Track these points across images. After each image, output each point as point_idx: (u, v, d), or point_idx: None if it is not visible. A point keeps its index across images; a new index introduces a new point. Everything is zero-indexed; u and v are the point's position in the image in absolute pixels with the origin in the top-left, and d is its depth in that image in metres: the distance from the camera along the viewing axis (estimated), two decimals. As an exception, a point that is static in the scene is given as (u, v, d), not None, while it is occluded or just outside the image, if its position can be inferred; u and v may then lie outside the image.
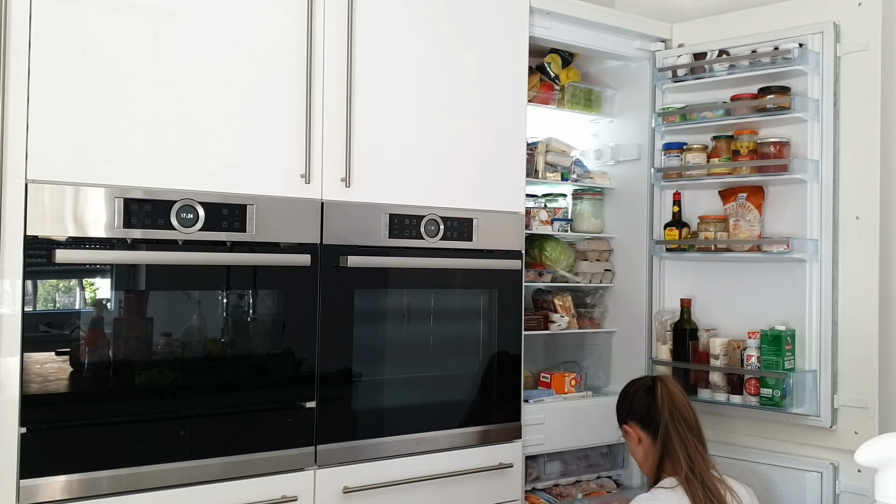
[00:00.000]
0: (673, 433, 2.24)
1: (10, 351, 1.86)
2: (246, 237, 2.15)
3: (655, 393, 2.30)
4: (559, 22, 2.85)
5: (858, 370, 2.62)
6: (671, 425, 2.25)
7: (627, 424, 2.37)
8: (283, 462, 2.20)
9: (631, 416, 2.35)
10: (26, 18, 1.88)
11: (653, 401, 2.30)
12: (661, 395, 2.29)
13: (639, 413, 2.33)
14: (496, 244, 2.62)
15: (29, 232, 1.88)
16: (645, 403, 2.31)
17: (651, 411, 2.30)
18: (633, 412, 2.35)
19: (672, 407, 2.28)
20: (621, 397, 2.42)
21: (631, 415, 2.35)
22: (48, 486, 1.89)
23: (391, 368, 2.49)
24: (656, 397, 2.29)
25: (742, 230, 2.86)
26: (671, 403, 2.28)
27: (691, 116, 2.97)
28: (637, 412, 2.33)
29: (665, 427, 2.25)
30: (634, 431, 2.34)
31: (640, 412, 2.33)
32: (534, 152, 3.00)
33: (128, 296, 2.07)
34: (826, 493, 2.66)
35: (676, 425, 2.25)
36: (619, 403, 2.41)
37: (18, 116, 1.88)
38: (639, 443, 2.34)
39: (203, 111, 2.11)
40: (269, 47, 2.20)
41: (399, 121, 2.43)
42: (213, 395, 2.16)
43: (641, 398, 2.33)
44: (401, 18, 2.44)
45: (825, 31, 2.68)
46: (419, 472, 2.42)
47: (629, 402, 2.37)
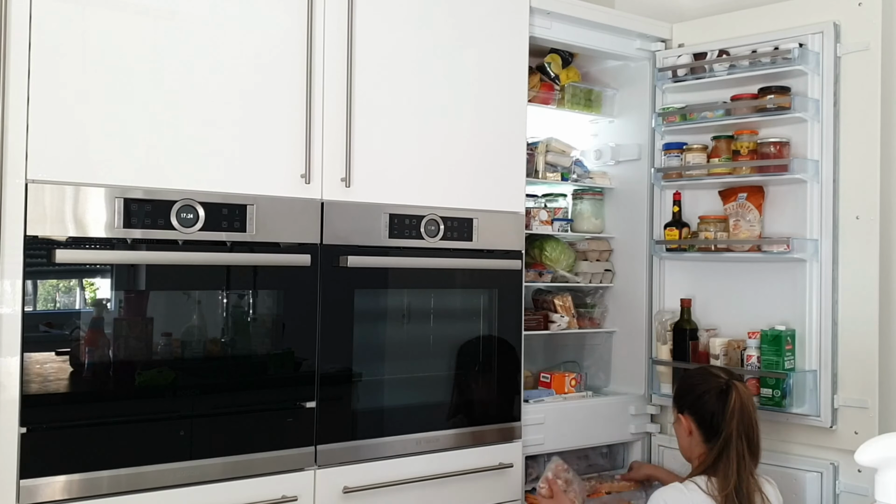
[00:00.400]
0: (732, 449, 2.20)
1: (10, 351, 1.86)
2: (246, 237, 2.15)
3: (728, 401, 2.23)
4: (559, 22, 2.85)
5: (858, 370, 2.62)
6: (734, 440, 2.20)
7: (683, 415, 2.33)
8: (283, 462, 2.20)
9: (692, 411, 2.31)
10: (26, 18, 1.88)
11: (723, 409, 2.23)
12: (734, 406, 2.23)
13: (702, 414, 2.28)
14: (496, 244, 2.62)
15: (29, 232, 1.88)
16: (713, 408, 2.26)
17: (716, 418, 2.24)
18: (696, 409, 2.30)
19: (741, 422, 2.22)
20: (687, 387, 2.36)
21: (693, 410, 2.30)
22: (48, 486, 1.90)
23: (391, 368, 2.49)
24: (727, 407, 2.23)
25: (742, 230, 2.86)
26: (741, 418, 2.22)
27: (691, 116, 2.97)
28: (700, 412, 2.28)
29: (725, 440, 2.21)
30: (688, 423, 2.31)
31: (704, 414, 2.28)
32: (534, 152, 3.00)
33: (128, 296, 2.07)
34: (826, 493, 2.66)
35: (738, 442, 2.20)
36: (685, 391, 2.36)
37: (18, 116, 1.88)
38: (689, 434, 2.31)
39: (203, 111, 2.11)
40: (269, 47, 2.21)
41: (399, 121, 2.43)
42: (213, 395, 2.16)
43: (712, 401, 2.26)
44: (401, 18, 2.44)
45: (825, 31, 2.68)
46: (419, 472, 2.42)
47: (696, 398, 2.31)
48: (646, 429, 3.08)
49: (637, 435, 3.07)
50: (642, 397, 3.09)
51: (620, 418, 3.01)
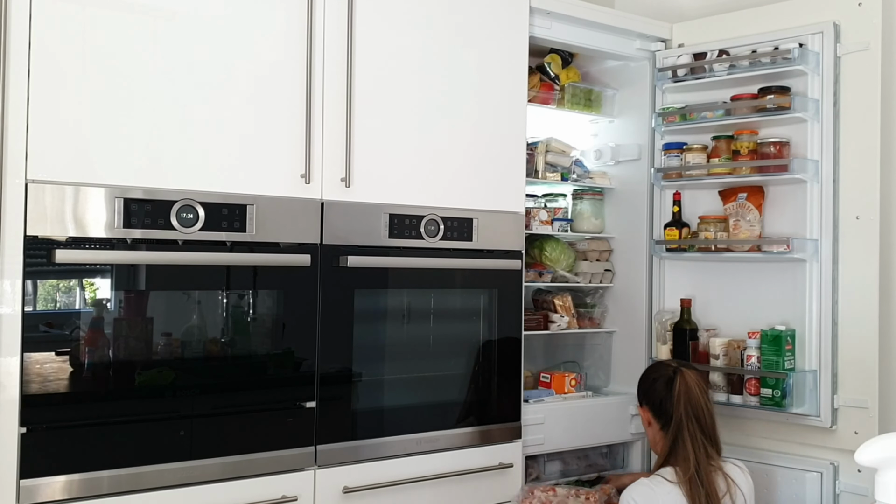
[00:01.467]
0: (685, 431, 2.24)
1: (10, 351, 1.86)
2: (246, 237, 2.15)
3: (673, 387, 2.29)
4: (559, 22, 2.85)
5: (858, 370, 2.62)
6: (684, 423, 2.25)
7: (641, 407, 2.40)
8: (283, 462, 2.20)
9: (646, 401, 2.38)
10: (26, 18, 1.88)
11: (668, 394, 2.29)
12: (679, 390, 2.28)
13: (653, 401, 2.34)
14: (496, 244, 2.62)
15: (29, 232, 1.88)
16: (661, 394, 2.32)
17: (665, 404, 2.30)
18: (648, 398, 2.37)
19: (687, 405, 2.27)
20: (643, 378, 2.43)
21: (646, 400, 2.37)
22: (48, 486, 1.90)
23: (391, 368, 2.50)
24: (672, 391, 2.28)
25: (742, 230, 2.86)
26: (687, 401, 2.27)
27: (691, 116, 2.97)
28: (652, 400, 2.35)
29: (677, 424, 2.26)
30: (646, 414, 2.37)
31: (654, 401, 2.34)
32: (534, 152, 3.00)
33: (128, 296, 2.07)
34: (826, 493, 2.66)
35: (688, 424, 2.25)
36: (640, 383, 2.43)
37: (18, 116, 1.88)
38: (648, 425, 2.37)
39: (203, 111, 2.11)
40: (269, 47, 2.20)
41: (399, 121, 2.43)
42: (213, 395, 2.16)
43: (660, 388, 2.32)
44: (401, 19, 2.44)
45: (825, 31, 2.68)
46: (419, 472, 2.42)
47: (648, 388, 2.38)
48: (646, 429, 3.08)
49: (637, 435, 3.07)
50: (642, 397, 3.08)
51: (620, 418, 3.01)
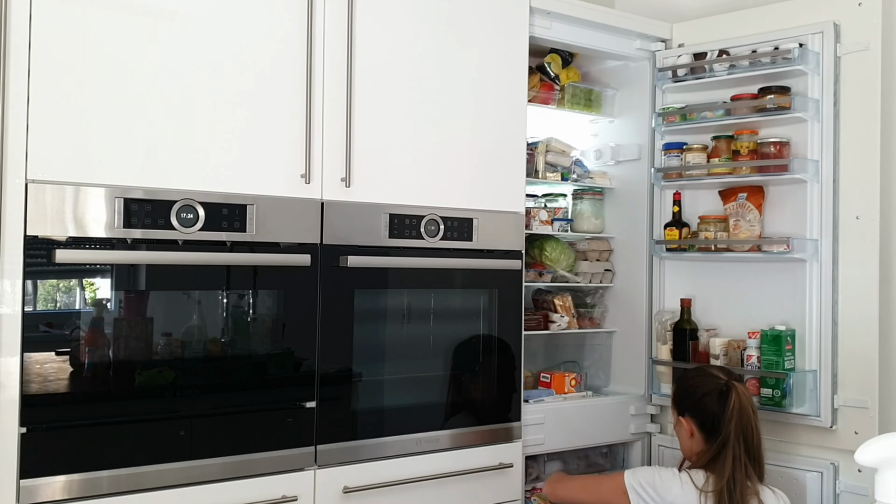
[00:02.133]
0: (729, 450, 2.21)
1: (10, 351, 1.86)
2: (246, 237, 2.15)
3: (727, 403, 2.24)
4: (559, 22, 2.85)
5: (858, 370, 2.62)
6: (731, 441, 2.21)
7: (685, 417, 2.34)
8: (283, 462, 2.20)
9: (693, 413, 2.32)
10: (26, 18, 1.88)
11: (722, 411, 2.24)
12: (733, 407, 2.23)
13: (703, 415, 2.29)
14: (496, 244, 2.62)
15: (29, 232, 1.88)
16: (713, 410, 2.26)
17: (716, 420, 2.25)
18: (697, 411, 2.31)
19: (739, 424, 2.23)
20: (688, 389, 2.37)
21: (693, 412, 2.32)
22: (48, 486, 1.90)
23: (391, 368, 2.50)
24: (727, 408, 2.24)
25: (742, 230, 2.86)
26: (739, 420, 2.23)
27: (691, 116, 2.97)
28: (702, 414, 2.29)
29: (724, 441, 2.22)
30: (690, 425, 2.32)
31: (705, 416, 2.28)
32: (534, 152, 3.00)
33: (128, 296, 2.07)
34: (826, 493, 2.66)
35: (735, 443, 2.21)
36: (684, 394, 2.37)
37: (18, 116, 1.88)
38: (691, 436, 2.32)
39: (203, 111, 2.11)
40: (269, 47, 2.21)
41: (399, 121, 2.43)
42: (213, 395, 2.16)
43: (712, 402, 2.27)
44: (401, 19, 2.44)
45: (825, 31, 2.68)
46: (419, 472, 2.42)
47: (696, 400, 2.31)
48: (646, 429, 3.08)
49: (637, 435, 3.07)
50: (642, 397, 3.08)
51: (620, 418, 3.01)
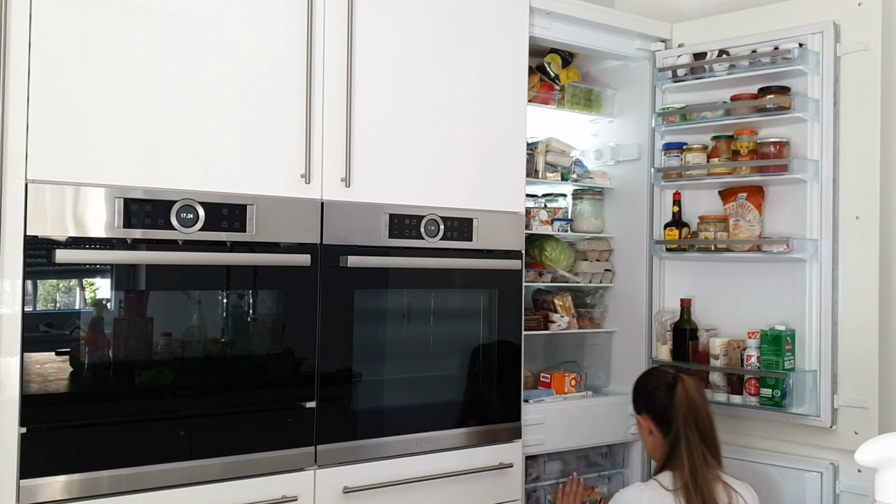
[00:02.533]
0: (682, 440, 2.24)
1: (10, 351, 1.86)
2: (246, 237, 2.15)
3: (674, 394, 2.28)
4: (559, 22, 2.85)
5: (858, 370, 2.62)
6: (682, 431, 2.24)
7: (641, 415, 2.38)
8: (283, 462, 2.20)
9: (646, 410, 2.36)
10: (26, 18, 1.88)
11: (670, 402, 2.28)
12: (679, 398, 2.27)
13: (654, 409, 2.33)
14: (496, 244, 2.62)
15: (29, 232, 1.88)
16: (662, 402, 2.30)
17: (667, 412, 2.29)
18: (649, 406, 2.35)
19: (688, 413, 2.26)
20: (640, 385, 2.41)
21: (647, 408, 2.36)
22: (48, 486, 1.90)
23: (391, 368, 2.50)
24: (674, 399, 2.28)
25: (742, 230, 2.86)
26: (687, 409, 2.26)
27: (691, 116, 2.97)
28: (653, 408, 2.33)
29: (676, 432, 2.25)
30: (647, 423, 2.35)
31: (655, 409, 2.32)
32: (534, 152, 3.00)
33: (128, 296, 2.07)
34: (826, 493, 2.66)
35: (688, 433, 2.24)
36: (637, 391, 2.41)
37: (18, 116, 1.88)
38: (649, 433, 2.35)
39: (203, 111, 2.11)
40: (270, 47, 2.20)
41: (399, 121, 2.43)
42: (213, 395, 2.16)
43: (661, 396, 2.31)
44: (401, 18, 2.44)
45: (825, 31, 2.68)
46: (419, 472, 2.42)
47: (647, 395, 2.36)
48: (646, 429, 3.08)
49: (637, 435, 3.06)
50: (642, 397, 3.08)
51: (620, 418, 3.01)
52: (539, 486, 2.90)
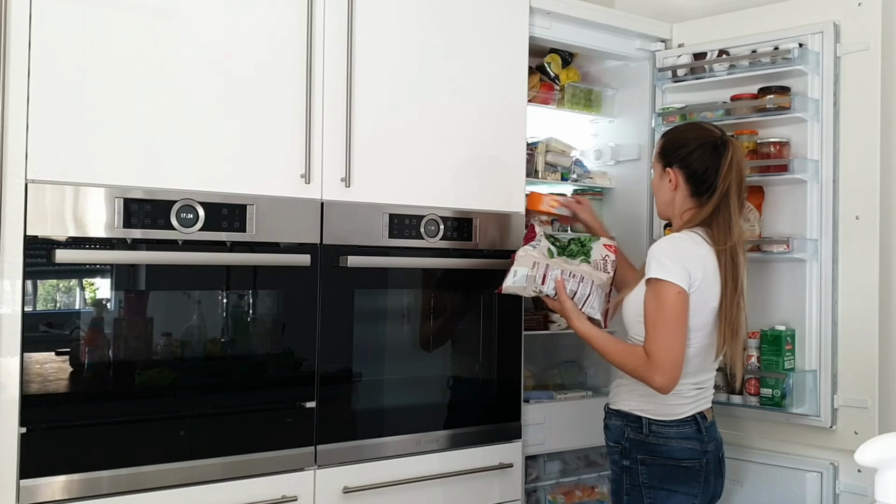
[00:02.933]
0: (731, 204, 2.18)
1: (10, 351, 1.86)
2: (246, 237, 2.15)
3: (724, 155, 2.19)
4: (559, 22, 2.85)
5: (858, 370, 2.61)
6: (732, 195, 2.18)
7: (672, 168, 2.26)
8: (283, 462, 2.20)
9: (682, 165, 2.24)
10: (26, 18, 1.88)
11: (717, 163, 2.19)
12: (730, 160, 2.18)
13: (694, 167, 2.22)
14: (496, 244, 2.62)
15: (29, 232, 1.88)
16: (706, 161, 2.20)
17: (708, 173, 2.19)
18: (687, 163, 2.23)
19: (738, 178, 2.20)
20: (679, 141, 2.28)
21: (684, 164, 2.24)
22: (48, 486, 1.90)
23: (391, 368, 2.50)
24: (723, 160, 2.18)
25: (742, 230, 2.86)
26: (737, 175, 2.19)
27: (691, 116, 2.97)
28: (693, 166, 2.22)
29: (724, 195, 2.18)
30: (676, 177, 2.25)
31: (696, 167, 2.22)
32: (534, 152, 3.00)
33: (128, 296, 2.07)
34: (826, 493, 2.66)
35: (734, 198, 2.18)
36: (674, 146, 2.28)
37: (18, 116, 1.88)
38: (674, 188, 2.26)
39: (203, 111, 2.11)
40: (269, 47, 2.21)
41: (399, 121, 2.43)
42: (213, 395, 2.16)
43: (705, 154, 2.21)
44: (401, 18, 2.44)
45: (825, 31, 2.68)
46: (419, 472, 2.42)
47: (689, 152, 2.23)
48: (646, 429, 3.08)
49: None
50: (642, 397, 3.08)
51: (620, 418, 3.01)
52: (539, 486, 2.90)
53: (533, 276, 2.35)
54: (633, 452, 2.22)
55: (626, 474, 2.23)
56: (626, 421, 2.25)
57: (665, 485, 2.19)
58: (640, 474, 2.21)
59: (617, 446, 2.26)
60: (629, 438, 2.23)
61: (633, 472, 2.22)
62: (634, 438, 2.22)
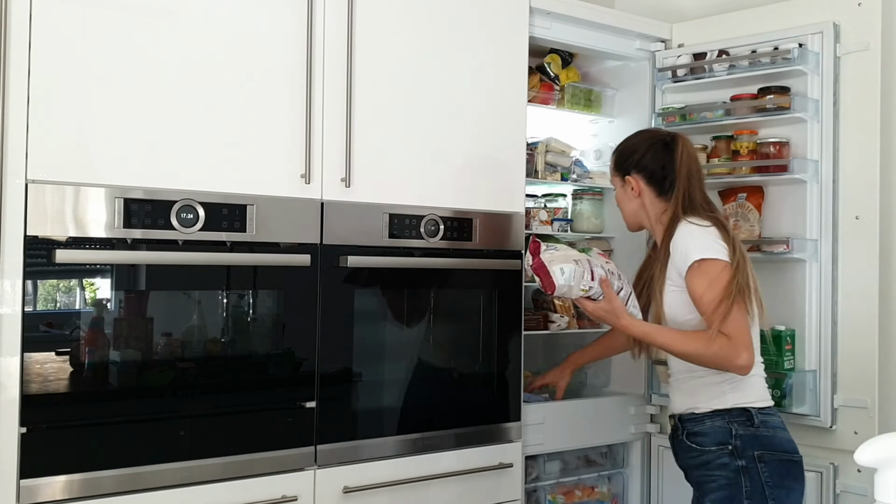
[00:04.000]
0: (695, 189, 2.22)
1: (10, 351, 1.86)
2: (246, 237, 2.15)
3: (675, 150, 2.25)
4: (559, 22, 2.85)
5: (858, 370, 2.62)
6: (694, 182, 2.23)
7: (629, 176, 2.30)
8: (283, 462, 2.20)
9: (639, 169, 2.28)
10: (26, 18, 1.88)
11: (670, 158, 2.25)
12: (682, 152, 2.24)
13: (651, 168, 2.27)
14: (496, 244, 2.62)
15: (29, 232, 1.88)
16: (661, 159, 2.26)
17: (666, 169, 2.24)
18: (643, 166, 2.27)
19: (696, 165, 2.26)
20: (628, 149, 2.33)
21: (640, 168, 2.28)
22: (48, 486, 1.90)
23: (391, 368, 2.49)
24: (675, 154, 2.24)
25: (742, 230, 2.86)
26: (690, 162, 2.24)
27: (691, 116, 2.98)
28: (649, 167, 2.27)
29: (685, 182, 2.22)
30: (637, 184, 2.29)
31: (653, 168, 2.26)
32: (534, 152, 3.00)
33: (128, 296, 2.07)
34: (826, 493, 2.66)
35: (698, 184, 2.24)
36: (624, 155, 2.33)
37: (18, 116, 1.88)
38: (637, 195, 2.29)
39: (203, 111, 2.11)
40: (270, 47, 2.21)
41: (399, 121, 2.43)
42: (213, 395, 2.16)
43: (658, 153, 2.26)
44: (401, 18, 2.44)
45: (825, 31, 2.68)
46: (419, 472, 2.42)
47: (641, 156, 2.28)
48: (645, 429, 3.09)
49: (637, 435, 3.07)
50: (642, 397, 3.09)
51: (620, 418, 3.01)
52: (539, 486, 2.90)
53: (581, 272, 2.16)
54: (749, 450, 2.05)
55: (744, 476, 2.05)
56: (728, 418, 2.09)
57: (785, 482, 2.05)
58: (762, 473, 2.04)
59: (724, 448, 2.08)
60: (739, 435, 2.07)
61: (753, 472, 2.05)
62: (745, 434, 2.07)
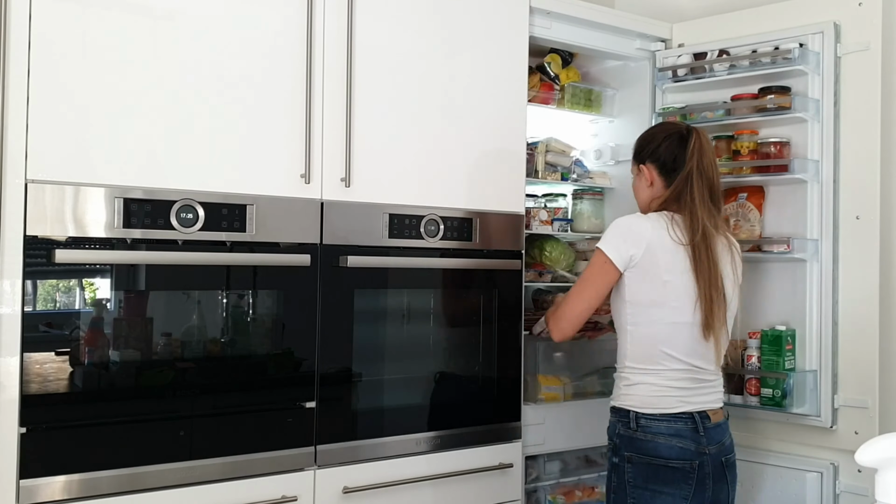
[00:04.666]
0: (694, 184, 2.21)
1: (10, 351, 1.86)
2: (246, 237, 2.15)
3: (688, 142, 2.25)
4: (559, 22, 2.85)
5: (858, 370, 2.61)
6: (695, 177, 2.22)
7: (644, 165, 2.32)
8: (283, 462, 2.20)
9: (653, 159, 2.30)
10: (26, 18, 1.88)
11: (682, 150, 2.25)
12: (694, 146, 2.24)
13: (664, 159, 2.28)
14: (496, 244, 2.62)
15: (29, 232, 1.88)
16: (673, 151, 2.26)
17: (677, 160, 2.25)
18: (657, 156, 2.29)
19: (700, 163, 2.23)
20: (648, 138, 2.35)
21: (654, 158, 2.30)
22: (48, 486, 1.90)
23: (391, 368, 2.49)
24: (687, 147, 2.24)
25: (742, 230, 2.86)
26: (700, 159, 2.23)
27: (691, 116, 2.97)
28: (662, 158, 2.28)
29: (687, 176, 2.22)
30: (650, 173, 2.31)
31: (665, 158, 2.28)
32: (534, 152, 3.00)
33: (128, 296, 2.07)
34: (826, 493, 2.66)
35: (698, 179, 2.22)
36: (644, 143, 2.34)
37: (18, 116, 1.88)
38: (650, 185, 2.31)
39: (203, 111, 2.11)
40: (270, 47, 2.20)
41: (399, 120, 2.43)
42: (213, 395, 2.16)
43: (673, 146, 2.27)
44: (401, 18, 2.44)
45: (825, 31, 2.68)
46: (419, 472, 2.42)
47: (657, 146, 2.30)
48: (646, 429, 3.08)
49: (637, 435, 3.07)
50: (642, 397, 3.08)
51: (620, 418, 3.01)
52: (539, 486, 2.89)
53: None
54: (622, 449, 2.21)
55: (614, 472, 2.23)
56: (617, 416, 2.25)
57: (650, 484, 2.17)
58: (626, 472, 2.19)
59: (610, 443, 2.27)
60: (619, 434, 2.23)
61: (620, 470, 2.21)
62: (624, 434, 2.21)
